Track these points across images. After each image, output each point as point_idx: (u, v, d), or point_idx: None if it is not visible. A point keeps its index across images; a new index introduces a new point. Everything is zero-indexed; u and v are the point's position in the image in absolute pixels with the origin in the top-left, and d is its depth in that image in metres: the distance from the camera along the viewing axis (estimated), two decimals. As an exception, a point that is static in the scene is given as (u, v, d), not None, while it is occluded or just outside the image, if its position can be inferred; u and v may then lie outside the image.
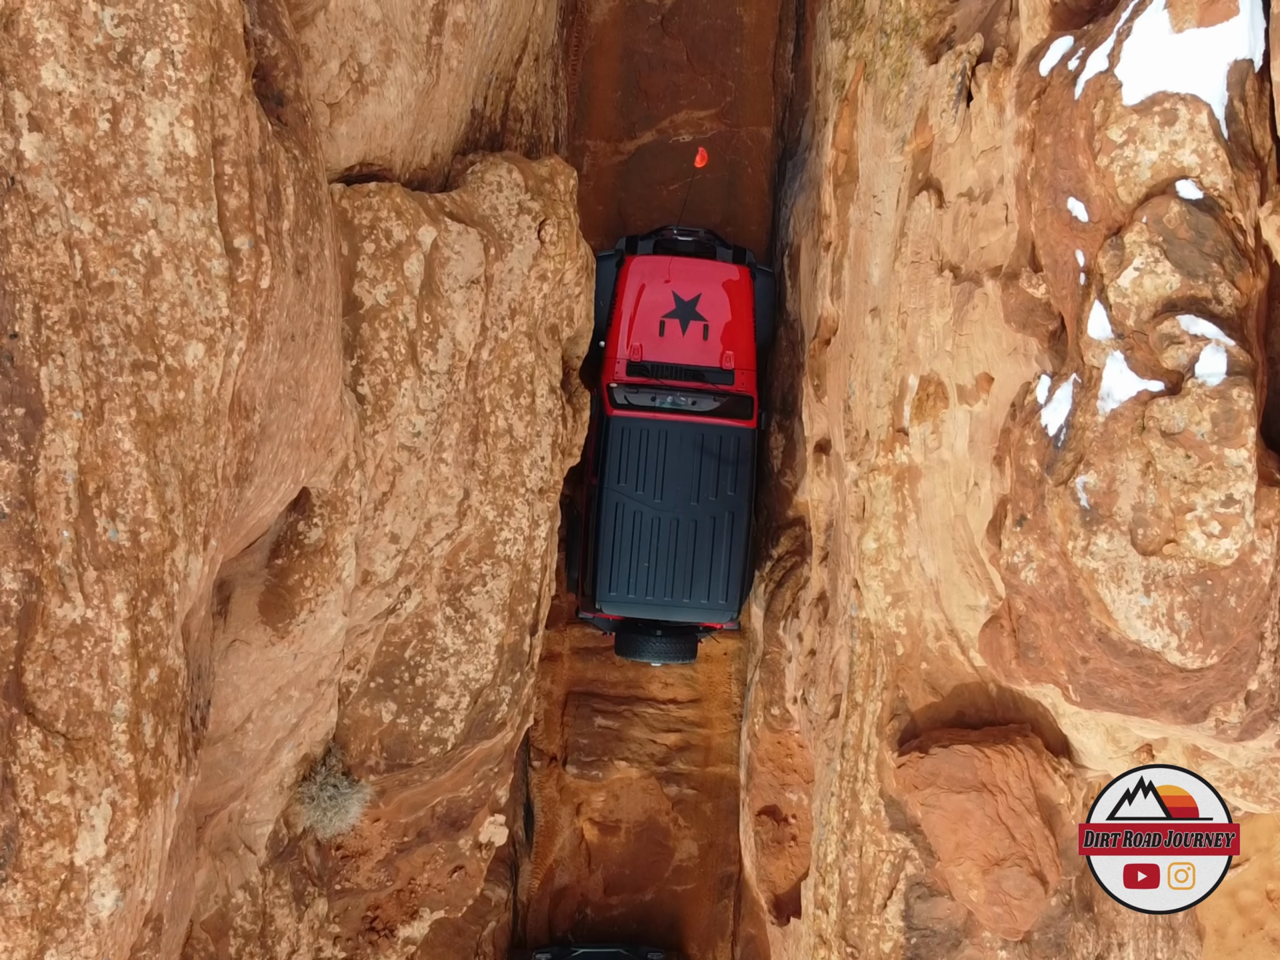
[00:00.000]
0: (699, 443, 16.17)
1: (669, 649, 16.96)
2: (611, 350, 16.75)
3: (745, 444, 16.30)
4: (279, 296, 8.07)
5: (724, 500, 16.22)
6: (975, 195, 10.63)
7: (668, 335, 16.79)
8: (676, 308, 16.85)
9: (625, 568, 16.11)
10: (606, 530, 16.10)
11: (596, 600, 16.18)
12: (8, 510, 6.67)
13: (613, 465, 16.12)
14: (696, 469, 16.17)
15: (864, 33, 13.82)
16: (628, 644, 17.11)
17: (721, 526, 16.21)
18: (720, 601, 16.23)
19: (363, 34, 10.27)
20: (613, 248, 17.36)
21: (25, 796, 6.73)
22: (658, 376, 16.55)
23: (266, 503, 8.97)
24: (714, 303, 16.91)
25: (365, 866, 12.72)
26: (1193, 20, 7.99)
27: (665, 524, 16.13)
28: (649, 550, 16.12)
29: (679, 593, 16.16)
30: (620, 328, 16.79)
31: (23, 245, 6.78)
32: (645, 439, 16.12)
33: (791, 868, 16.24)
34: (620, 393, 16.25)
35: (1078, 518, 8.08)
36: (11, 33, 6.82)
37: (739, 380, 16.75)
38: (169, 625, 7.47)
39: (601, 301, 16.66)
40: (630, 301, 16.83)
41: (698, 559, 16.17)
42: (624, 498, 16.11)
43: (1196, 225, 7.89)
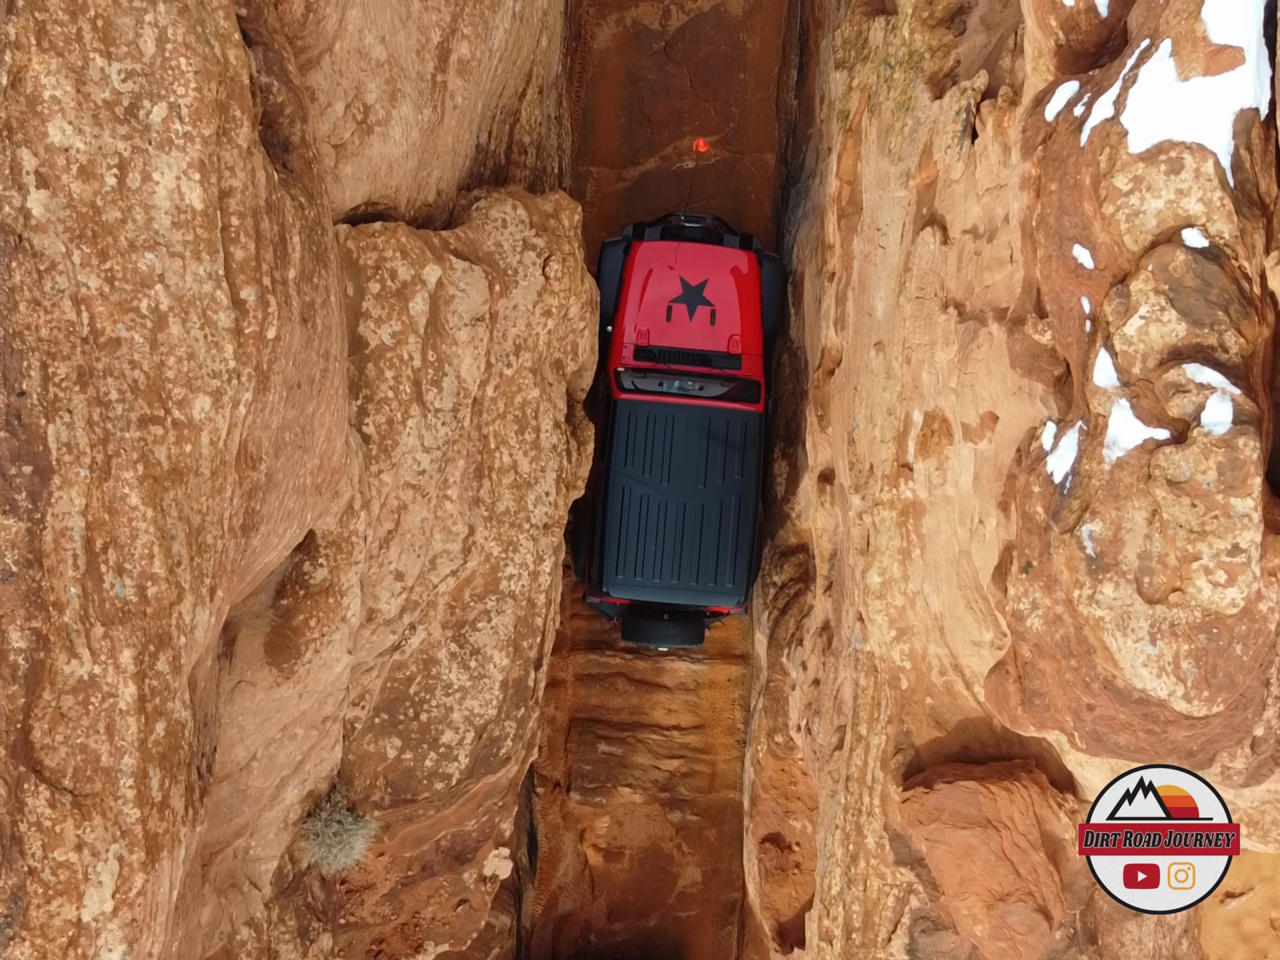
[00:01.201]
0: (706, 427, 16.15)
1: (676, 634, 16.96)
2: (619, 335, 16.77)
3: (752, 428, 16.28)
4: (285, 346, 8.07)
5: (731, 484, 16.20)
6: (980, 233, 10.64)
7: (675, 320, 16.80)
8: (684, 293, 16.85)
9: (632, 551, 16.10)
10: (613, 514, 16.10)
11: (603, 584, 16.17)
12: (15, 569, 6.68)
13: (619, 449, 16.14)
14: (703, 453, 16.16)
15: (868, 64, 13.82)
16: (635, 629, 17.09)
17: (728, 511, 16.18)
18: (727, 585, 16.19)
19: (368, 74, 10.27)
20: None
21: (33, 854, 6.74)
22: (665, 361, 16.58)
23: (273, 549, 8.97)
24: (721, 288, 16.90)
25: (370, 900, 12.71)
26: (1199, 69, 7.98)
27: (672, 508, 16.13)
28: (656, 534, 16.11)
29: (685, 576, 16.13)
30: (627, 313, 16.80)
31: (30, 303, 6.79)
32: (652, 423, 16.12)
33: (795, 895, 16.22)
34: (627, 377, 16.27)
35: (1083, 566, 8.07)
36: (19, 90, 6.83)
37: (746, 365, 16.76)
38: (176, 678, 7.47)
39: (609, 287, 16.77)
40: (637, 287, 16.84)
41: (704, 543, 16.14)
42: (631, 481, 16.12)
43: (1202, 273, 7.88)
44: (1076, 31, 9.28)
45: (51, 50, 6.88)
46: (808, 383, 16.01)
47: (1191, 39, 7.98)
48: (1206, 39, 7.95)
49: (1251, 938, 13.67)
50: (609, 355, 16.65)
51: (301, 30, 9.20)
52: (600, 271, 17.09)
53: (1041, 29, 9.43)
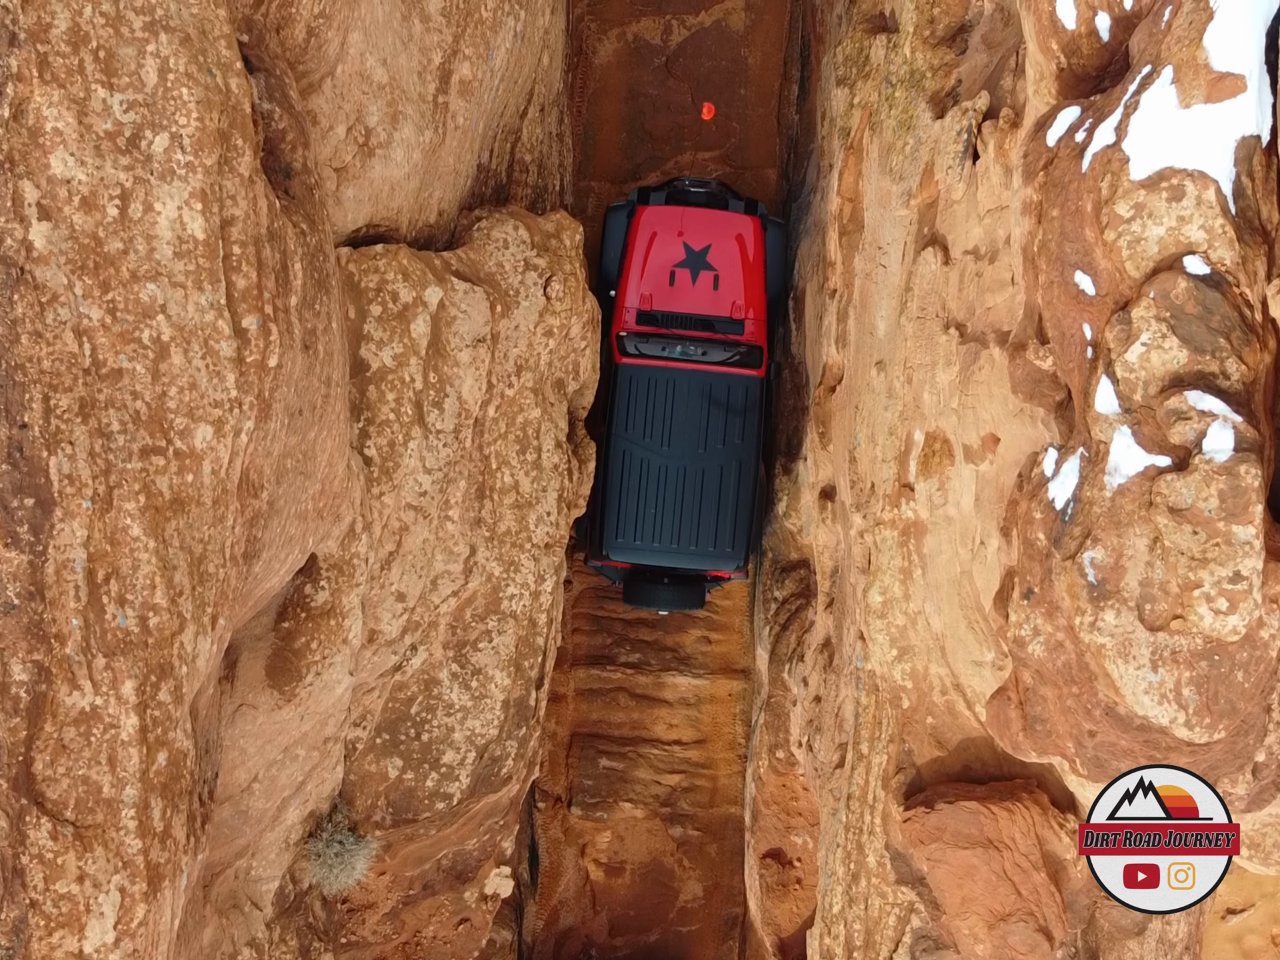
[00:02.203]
0: (707, 391, 16.20)
1: (676, 597, 17.02)
2: (621, 299, 16.78)
3: (754, 393, 16.29)
4: (287, 374, 8.07)
5: (731, 449, 16.23)
6: (981, 254, 10.63)
7: (678, 285, 16.80)
8: (687, 258, 16.84)
9: (632, 515, 16.18)
10: (614, 478, 16.16)
11: (604, 547, 16.22)
12: (17, 602, 6.67)
13: (620, 413, 16.20)
14: (704, 418, 16.21)
15: (869, 81, 13.81)
16: (636, 592, 17.15)
17: (728, 475, 16.22)
18: (727, 549, 16.23)
19: (369, 97, 10.27)
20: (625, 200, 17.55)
21: (34, 886, 6.74)
22: (667, 326, 16.59)
23: (274, 574, 8.97)
24: (725, 253, 16.88)
25: (371, 920, 12.70)
26: (1200, 96, 7.98)
27: (672, 472, 16.18)
28: (656, 498, 16.18)
29: (685, 540, 16.19)
30: (631, 277, 16.79)
31: (32, 335, 6.79)
32: (653, 387, 16.18)
33: (796, 911, 16.22)
34: (629, 341, 16.30)
35: (1085, 593, 8.07)
36: (21, 122, 6.83)
37: (749, 330, 16.76)
38: (177, 708, 7.47)
39: (612, 252, 16.89)
40: (641, 251, 16.82)
41: (704, 507, 16.20)
42: (631, 446, 16.18)
43: (1204, 301, 7.88)
44: (1078, 55, 9.28)
45: (54, 82, 6.89)
46: (809, 398, 16.01)
47: (1193, 66, 7.97)
48: (1208, 66, 7.95)
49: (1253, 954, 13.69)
50: (612, 320, 16.72)
51: (303, 55, 9.20)
52: (604, 236, 17.19)
53: (1043, 52, 9.43)
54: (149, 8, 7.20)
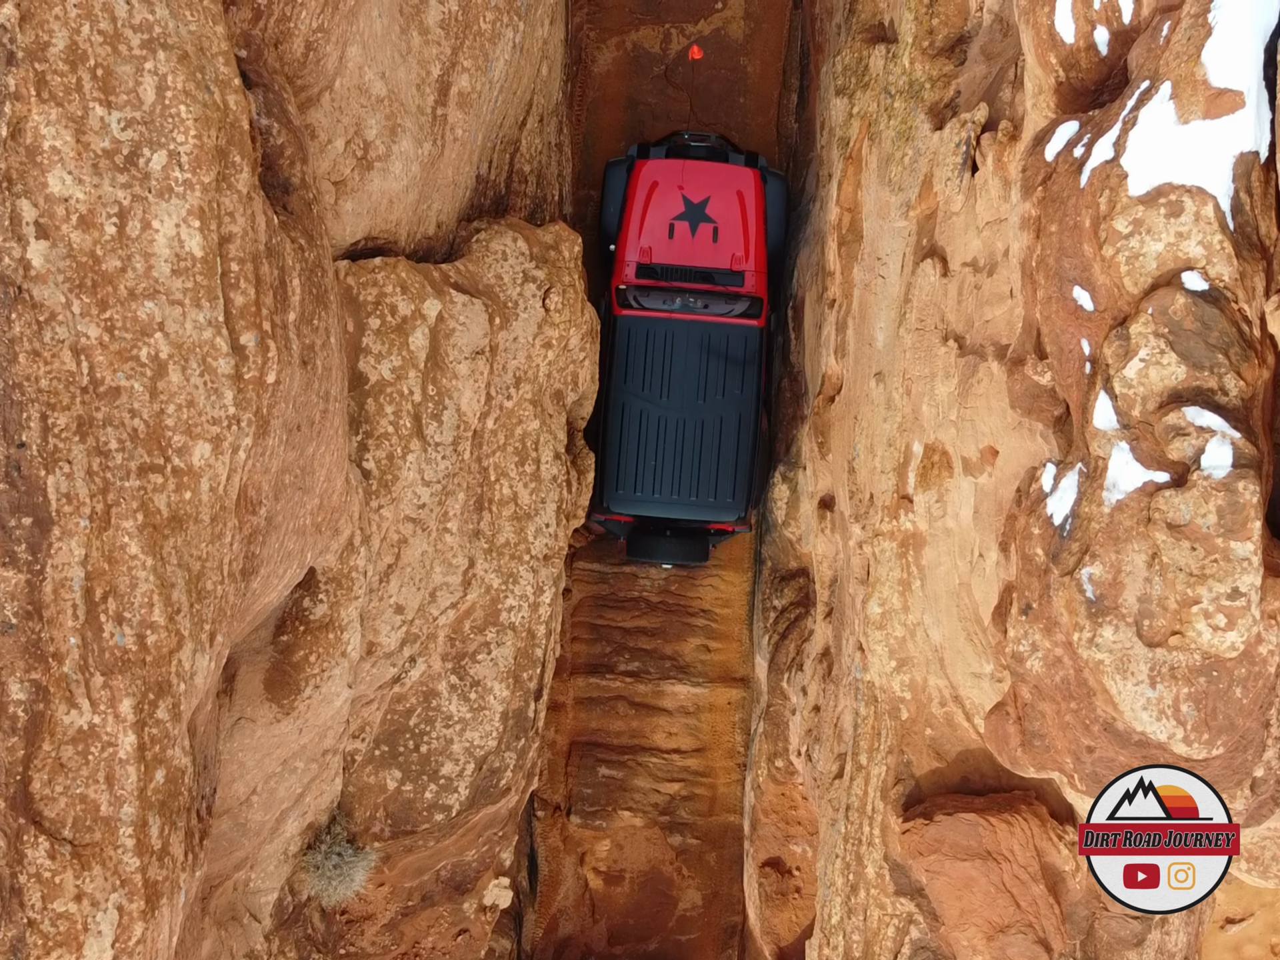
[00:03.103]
0: (706, 342, 16.18)
1: (679, 550, 17.00)
2: (621, 253, 16.76)
3: (753, 343, 16.26)
4: (285, 390, 8.07)
5: (731, 400, 16.20)
6: (980, 266, 10.63)
7: (677, 238, 16.78)
8: (686, 210, 16.82)
9: (633, 467, 16.18)
10: (614, 430, 16.15)
11: (605, 500, 16.19)
12: (15, 621, 6.67)
13: (620, 366, 16.20)
14: (703, 368, 16.19)
15: (868, 91, 13.81)
16: (639, 545, 17.13)
17: (729, 426, 16.19)
18: (728, 500, 16.21)
19: (368, 110, 10.27)
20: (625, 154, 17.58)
21: (32, 905, 6.73)
22: (667, 279, 16.56)
23: (273, 589, 8.96)
24: (724, 205, 16.86)
25: (370, 931, 12.69)
26: (1199, 112, 7.98)
27: (672, 423, 16.17)
28: (656, 450, 16.18)
29: (686, 491, 16.19)
30: (630, 231, 16.77)
31: (30, 354, 6.79)
32: (652, 339, 16.16)
33: (796, 920, 16.21)
34: (629, 294, 16.28)
35: (1083, 609, 8.06)
36: (19, 140, 6.83)
37: (749, 282, 16.73)
38: (175, 726, 7.46)
39: (612, 206, 16.92)
40: (640, 205, 16.81)
41: (705, 458, 16.18)
42: (631, 398, 16.18)
43: (1202, 316, 7.87)
44: (1076, 69, 9.28)
45: (51, 100, 6.88)
46: (808, 408, 16.00)
47: (1192, 82, 7.97)
48: (1207, 82, 7.95)
49: (1252, 964, 13.69)
50: (611, 273, 16.73)
51: (302, 69, 9.20)
52: (604, 191, 17.19)
53: (1041, 66, 9.43)
54: (147, 25, 7.19)
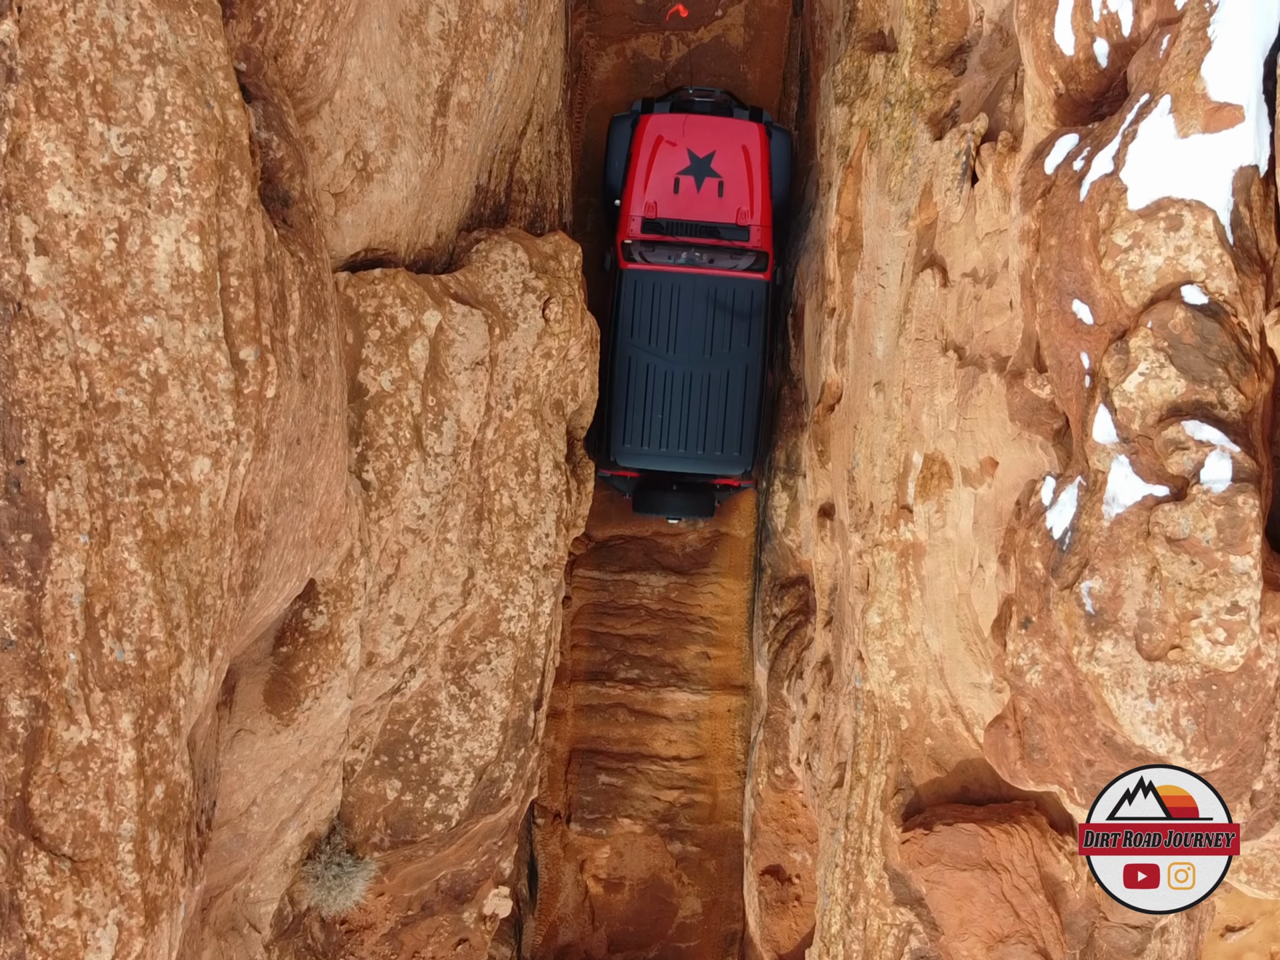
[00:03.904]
0: (712, 296, 16.15)
1: (685, 504, 16.98)
2: (626, 208, 16.72)
3: (759, 297, 16.23)
4: (285, 404, 8.07)
5: (738, 354, 16.18)
6: (980, 277, 10.63)
7: (682, 192, 16.74)
8: (691, 165, 16.78)
9: (639, 421, 16.15)
10: (620, 384, 16.13)
11: (611, 453, 16.17)
12: (14, 638, 6.67)
13: (625, 320, 16.15)
14: (709, 322, 16.16)
15: (868, 100, 13.80)
16: (645, 500, 17.12)
17: (735, 380, 16.16)
18: (734, 454, 16.18)
19: (367, 122, 10.27)
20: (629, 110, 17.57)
21: (32, 922, 6.73)
22: (672, 234, 16.51)
23: (272, 602, 8.96)
24: (729, 160, 16.83)
25: (370, 940, 12.69)
26: (1198, 126, 7.98)
27: (678, 377, 16.15)
28: (662, 403, 16.15)
29: (692, 445, 16.16)
30: (635, 186, 16.73)
31: (29, 370, 6.79)
32: (657, 292, 16.13)
33: (795, 928, 16.20)
34: (634, 249, 16.27)
35: (1083, 622, 8.06)
36: (18, 157, 6.83)
37: (754, 236, 16.68)
38: (175, 741, 7.46)
39: (617, 161, 16.91)
40: (645, 160, 16.77)
41: (710, 412, 16.16)
42: (637, 351, 16.15)
43: (1202, 330, 7.87)
44: (1076, 81, 9.28)
45: (51, 116, 6.88)
46: (808, 416, 16.00)
47: (1191, 95, 7.97)
48: (1206, 96, 7.95)
49: (1253, 972, 13.66)
50: (616, 228, 16.70)
51: (301, 82, 9.20)
52: (609, 146, 17.17)
53: (1041, 78, 9.43)
54: (146, 40, 7.20)
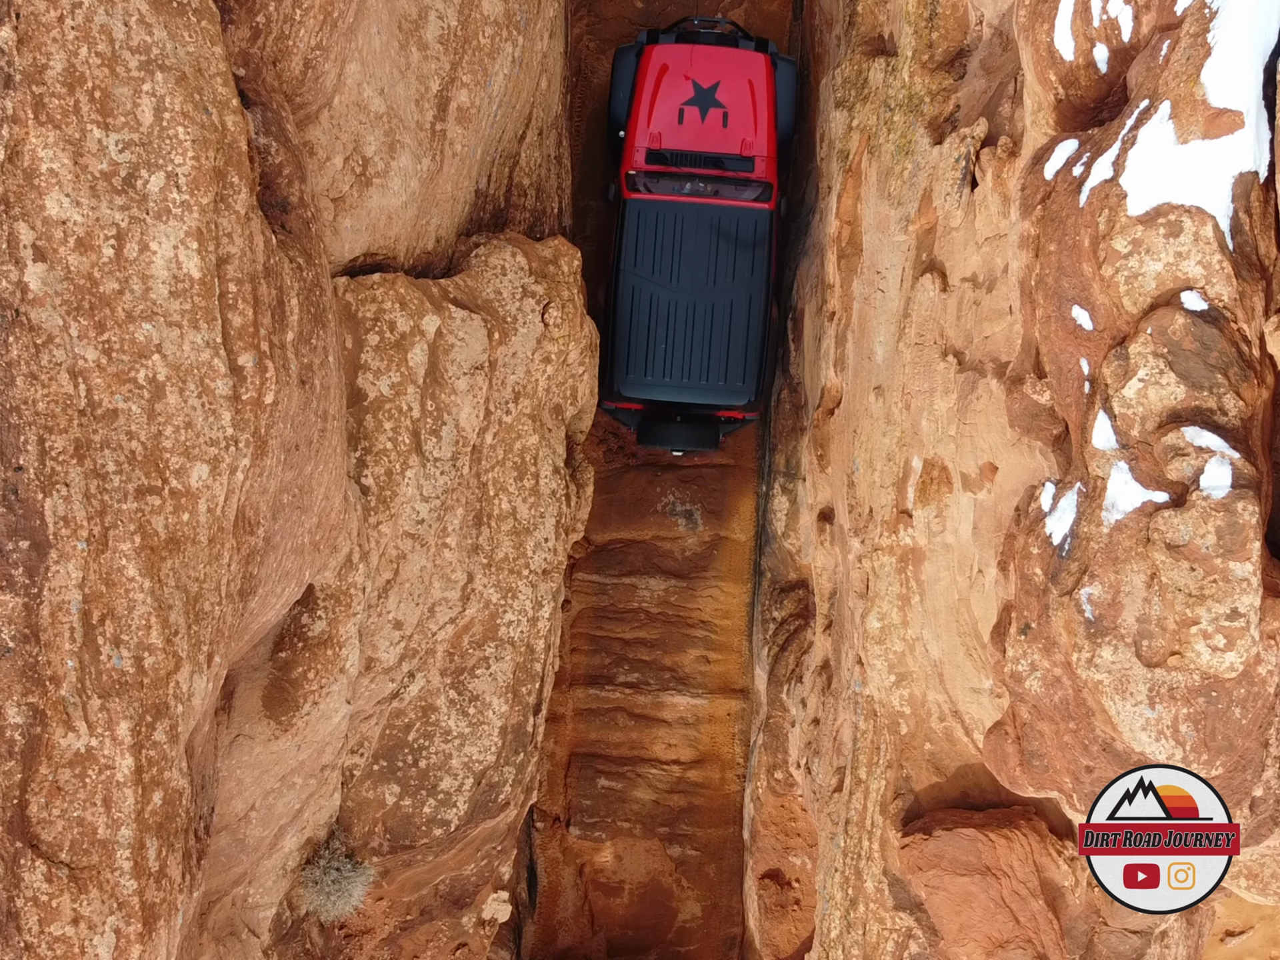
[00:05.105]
0: (716, 225, 16.05)
1: (689, 436, 16.88)
2: (630, 139, 16.67)
3: (763, 226, 16.13)
4: (283, 410, 8.05)
5: (741, 283, 16.09)
6: (979, 282, 10.62)
7: (687, 123, 16.65)
8: (695, 95, 16.71)
9: (642, 351, 16.08)
10: (623, 314, 16.06)
11: (615, 383, 16.10)
12: (12, 645, 6.67)
13: (629, 249, 16.05)
14: (713, 252, 16.06)
15: (868, 104, 13.80)
16: (649, 432, 17.04)
17: (739, 309, 16.07)
18: (738, 384, 16.08)
19: (366, 127, 10.26)
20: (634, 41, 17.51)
21: (29, 930, 6.73)
22: (677, 165, 16.44)
23: (271, 608, 8.95)
24: (733, 90, 16.75)
25: (369, 945, 12.67)
26: (1198, 132, 7.97)
27: (681, 307, 16.06)
28: (665, 333, 16.07)
29: (696, 374, 16.08)
30: (639, 117, 16.66)
31: (27, 377, 6.78)
32: (661, 222, 16.04)
33: (795, 932, 16.19)
34: (639, 179, 16.18)
35: (1082, 629, 8.05)
36: (16, 164, 6.83)
37: (759, 167, 16.59)
38: (173, 747, 7.45)
39: (622, 92, 16.85)
40: (649, 90, 16.69)
41: (714, 341, 16.08)
42: (640, 281, 16.04)
43: (1201, 337, 7.86)
44: (1076, 87, 9.28)
45: (49, 123, 6.88)
46: (808, 420, 15.99)
47: (1191, 101, 7.96)
48: (1206, 102, 7.94)
49: (1253, 976, 13.66)
50: (620, 160, 16.66)
51: (300, 87, 9.19)
52: (613, 76, 17.12)
53: (1041, 83, 9.42)
54: (145, 47, 7.19)
